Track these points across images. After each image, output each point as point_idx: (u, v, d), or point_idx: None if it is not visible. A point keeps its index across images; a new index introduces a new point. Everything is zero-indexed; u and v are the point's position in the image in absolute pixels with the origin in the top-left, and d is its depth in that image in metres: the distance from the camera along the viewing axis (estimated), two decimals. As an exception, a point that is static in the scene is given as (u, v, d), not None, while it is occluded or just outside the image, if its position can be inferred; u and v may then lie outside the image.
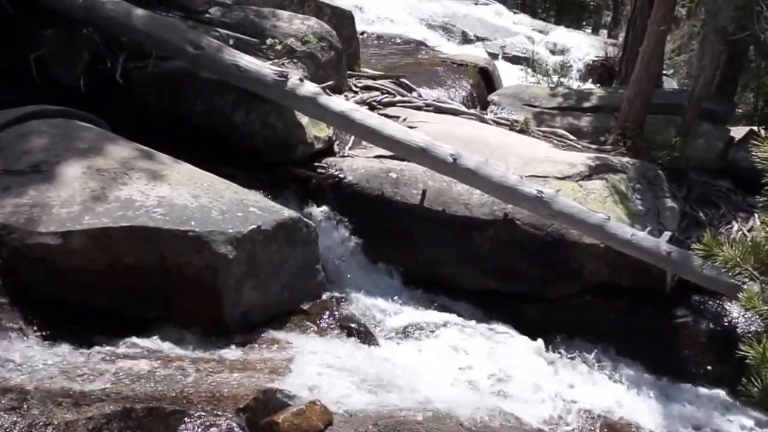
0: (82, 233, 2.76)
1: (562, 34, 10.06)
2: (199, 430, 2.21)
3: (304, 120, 4.12)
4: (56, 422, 2.03)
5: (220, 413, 2.27)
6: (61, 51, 3.97)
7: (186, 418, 2.22)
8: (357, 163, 4.17)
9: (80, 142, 3.19)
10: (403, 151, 3.93)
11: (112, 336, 2.78)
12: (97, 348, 2.68)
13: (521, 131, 5.11)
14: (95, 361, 2.55)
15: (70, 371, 2.39)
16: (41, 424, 2.02)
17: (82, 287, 2.83)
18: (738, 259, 2.55)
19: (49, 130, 3.23)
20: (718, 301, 4.12)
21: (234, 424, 2.25)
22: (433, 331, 3.52)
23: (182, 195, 3.04)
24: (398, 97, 5.14)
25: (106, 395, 2.22)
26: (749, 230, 4.53)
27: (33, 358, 2.47)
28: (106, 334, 2.78)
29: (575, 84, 7.23)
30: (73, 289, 2.83)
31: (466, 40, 8.89)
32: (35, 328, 2.68)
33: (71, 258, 2.76)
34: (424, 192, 4.02)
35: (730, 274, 2.72)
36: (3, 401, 2.06)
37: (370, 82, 5.30)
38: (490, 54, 8.26)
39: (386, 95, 5.10)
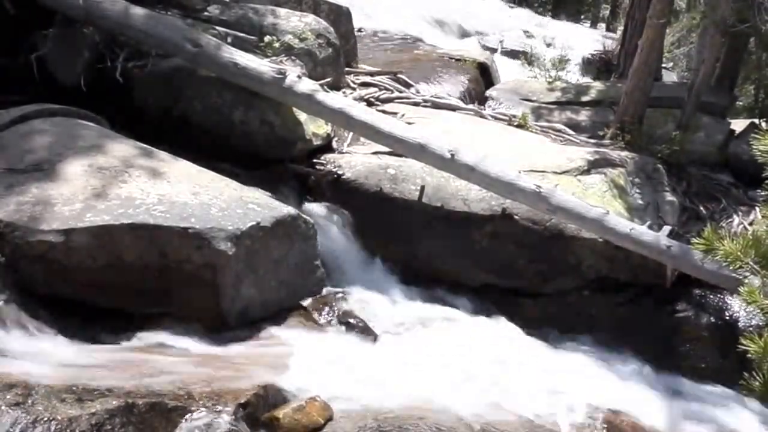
0: (83, 231, 2.78)
1: (560, 28, 10.06)
2: (201, 425, 2.23)
3: (303, 117, 4.13)
4: (60, 417, 2.06)
5: (221, 408, 2.29)
6: (62, 50, 3.98)
7: (187, 414, 2.24)
8: (355, 160, 4.17)
9: (81, 141, 3.21)
10: (401, 147, 3.94)
11: (114, 332, 2.80)
12: (99, 344, 2.71)
13: (519, 126, 5.11)
14: (97, 357, 2.58)
15: (73, 367, 2.41)
16: (45, 419, 2.04)
17: (83, 284, 2.85)
18: (739, 253, 2.56)
19: (51, 128, 3.26)
20: (719, 296, 4.12)
21: (235, 420, 2.27)
22: (432, 327, 3.53)
23: (182, 192, 3.06)
24: (396, 93, 5.14)
25: (108, 391, 2.23)
26: (750, 224, 4.53)
27: (37, 354, 2.49)
28: (108, 330, 2.81)
29: (573, 78, 7.23)
30: (75, 286, 2.85)
31: (463, 34, 8.89)
32: (38, 324, 2.70)
33: (73, 255, 2.78)
34: (422, 188, 4.03)
35: (731, 268, 2.72)
36: (8, 397, 2.09)
37: (368, 79, 5.30)
38: (487, 49, 8.25)
39: (384, 91, 5.11)
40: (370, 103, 4.80)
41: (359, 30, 6.85)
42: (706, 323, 4.08)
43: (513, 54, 8.32)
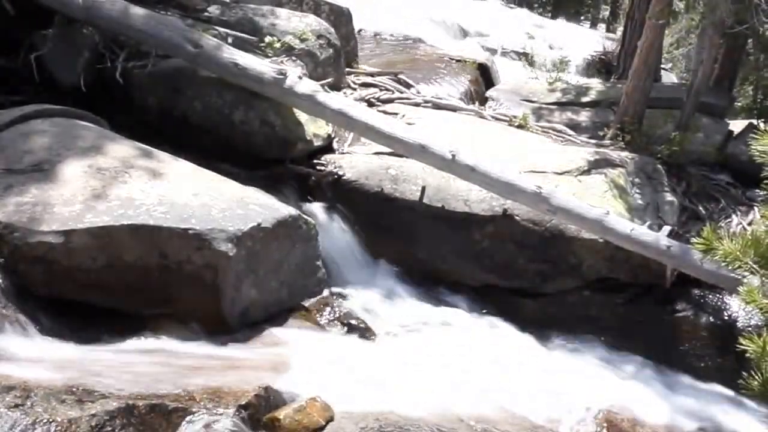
0: (83, 232, 2.77)
1: (560, 29, 10.07)
2: (201, 426, 2.23)
3: (303, 117, 4.14)
4: (59, 419, 2.05)
5: (221, 410, 2.29)
6: (61, 50, 3.98)
7: (188, 415, 2.24)
8: (356, 160, 4.18)
9: (81, 141, 3.20)
10: (401, 147, 3.94)
11: (114, 333, 2.80)
12: (99, 345, 2.71)
13: (520, 127, 5.11)
14: (98, 358, 2.57)
15: (73, 368, 2.41)
16: (44, 421, 2.04)
17: (83, 285, 2.84)
18: (738, 253, 2.55)
19: (50, 129, 3.25)
20: (718, 295, 4.13)
21: (236, 421, 2.27)
22: (433, 327, 3.54)
23: (182, 193, 3.05)
24: (397, 94, 5.14)
25: (108, 392, 2.23)
26: (749, 224, 4.54)
27: (36, 356, 2.48)
28: (108, 332, 2.80)
29: (573, 79, 7.23)
30: (75, 287, 2.84)
31: (464, 35, 8.89)
32: (38, 325, 2.70)
33: (73, 256, 2.78)
34: (423, 188, 4.03)
35: (730, 267, 2.70)
36: (7, 398, 2.08)
37: (368, 79, 5.30)
38: (488, 49, 8.25)
39: (385, 92, 5.11)
40: (370, 104, 4.81)
41: (360, 31, 6.85)
42: (706, 323, 4.09)
43: (513, 55, 8.32)
